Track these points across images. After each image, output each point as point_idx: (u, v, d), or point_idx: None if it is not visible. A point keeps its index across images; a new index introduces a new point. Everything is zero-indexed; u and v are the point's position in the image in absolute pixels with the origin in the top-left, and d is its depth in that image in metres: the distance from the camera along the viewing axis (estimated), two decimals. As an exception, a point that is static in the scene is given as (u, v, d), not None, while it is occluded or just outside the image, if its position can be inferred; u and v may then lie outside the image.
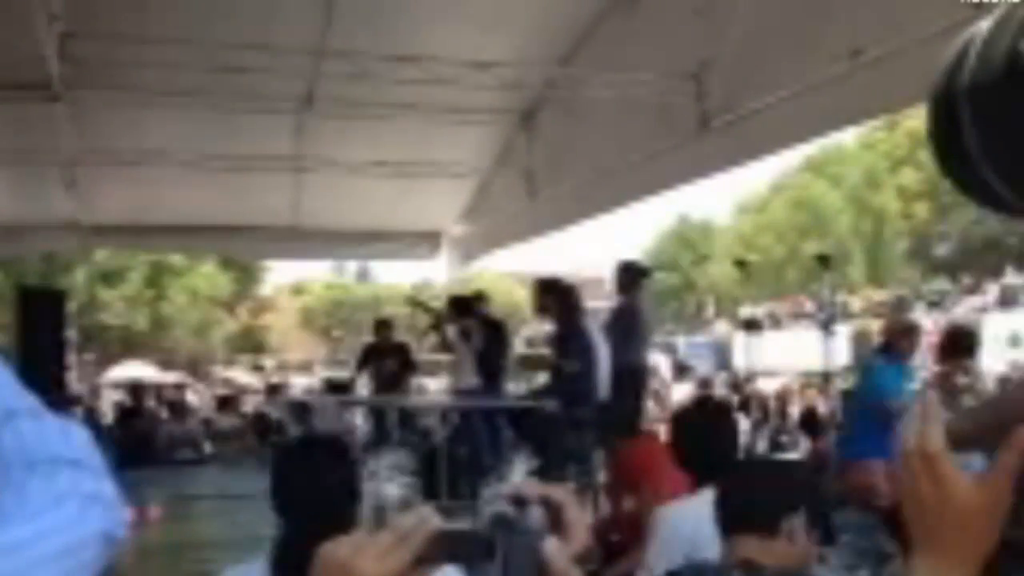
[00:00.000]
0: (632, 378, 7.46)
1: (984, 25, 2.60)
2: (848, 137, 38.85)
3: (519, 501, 0.82)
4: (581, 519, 0.84)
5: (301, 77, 8.07)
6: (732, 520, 2.23)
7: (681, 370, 13.89)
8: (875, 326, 25.13)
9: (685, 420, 3.61)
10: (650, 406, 11.12)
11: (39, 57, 6.86)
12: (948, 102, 2.70)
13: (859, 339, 18.36)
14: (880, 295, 30.89)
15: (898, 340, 6.21)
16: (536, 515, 0.81)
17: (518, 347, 16.59)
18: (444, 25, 7.87)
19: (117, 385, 20.74)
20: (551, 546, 0.80)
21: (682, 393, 12.16)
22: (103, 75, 7.63)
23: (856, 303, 29.33)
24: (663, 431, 5.33)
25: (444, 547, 0.80)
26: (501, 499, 0.81)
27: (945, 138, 2.73)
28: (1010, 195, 2.61)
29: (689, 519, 3.04)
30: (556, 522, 0.83)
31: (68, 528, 0.96)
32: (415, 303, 9.25)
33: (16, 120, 8.47)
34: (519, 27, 8.08)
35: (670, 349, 23.23)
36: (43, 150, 9.17)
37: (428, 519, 0.81)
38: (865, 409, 6.01)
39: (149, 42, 7.03)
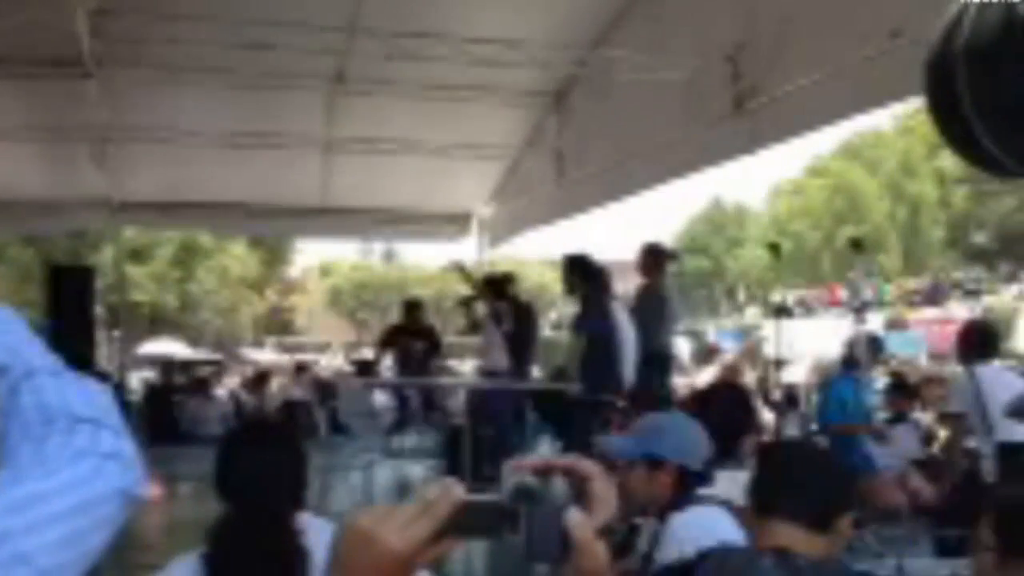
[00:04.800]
0: (657, 363, 7.39)
1: None
2: (886, 122, 38.42)
3: (543, 472, 0.82)
4: (608, 491, 0.85)
5: (332, 55, 8.05)
6: (781, 503, 2.08)
7: (709, 353, 13.73)
8: (909, 314, 24.94)
9: (701, 402, 3.55)
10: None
11: (71, 34, 6.88)
12: (944, 67, 2.60)
13: (893, 327, 18.19)
14: (916, 283, 30.59)
15: None
16: (560, 486, 0.82)
17: (545, 330, 16.57)
18: (477, 5, 7.82)
19: (149, 361, 20.96)
20: (575, 517, 0.79)
21: (707, 377, 12.05)
22: (134, 52, 7.65)
23: (891, 291, 29.05)
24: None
25: (468, 518, 0.80)
26: (525, 470, 0.81)
27: (942, 103, 2.64)
28: (1005, 157, 2.52)
29: (694, 524, 2.94)
30: (581, 494, 0.83)
31: (85, 485, 0.96)
32: (460, 270, 9.15)
33: (47, 96, 8.52)
34: (552, 7, 8.00)
35: (697, 336, 23.09)
36: (74, 127, 9.23)
37: (452, 490, 0.81)
38: None
39: (180, 19, 7.03)
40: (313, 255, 46.51)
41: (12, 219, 11.57)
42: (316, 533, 2.16)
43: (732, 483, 2.69)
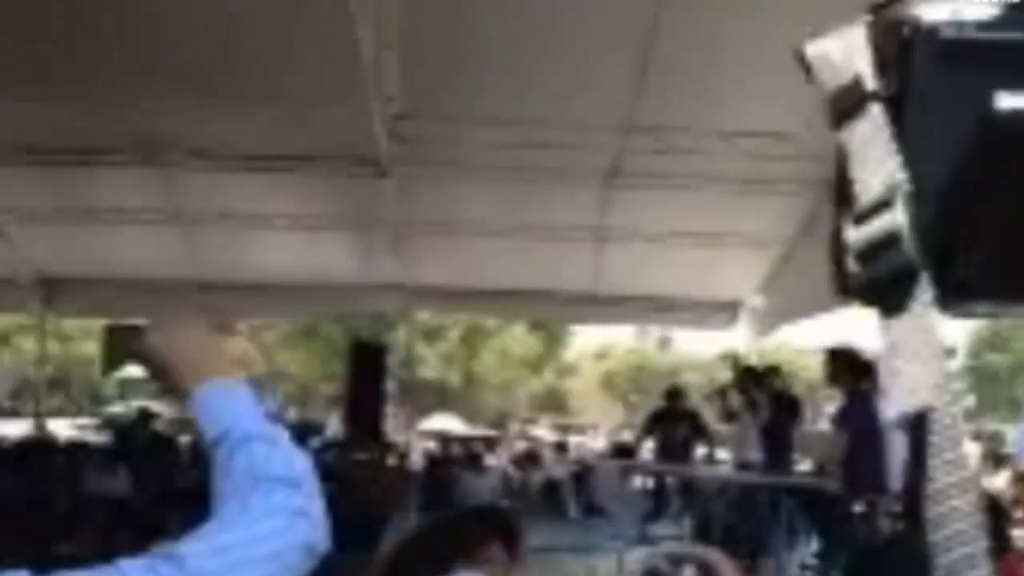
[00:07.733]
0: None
1: None
2: None
3: (675, 560, 0.92)
4: None
5: (607, 152, 8.42)
6: None
7: (998, 460, 12.72)
8: None
9: None
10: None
11: (371, 136, 7.72)
12: None
13: None
14: None
15: None
16: (688, 575, 0.91)
17: (820, 424, 15.90)
18: (746, 99, 7.92)
19: (428, 435, 22.08)
20: None
21: (1000, 482, 11.13)
22: (426, 152, 8.42)
23: None
24: None
25: None
26: (658, 556, 0.92)
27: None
28: None
29: None
30: None
31: (276, 536, 1.13)
32: (734, 360, 9.21)
33: (350, 192, 9.53)
34: (820, 96, 7.95)
35: (994, 438, 21.19)
36: (373, 219, 10.20)
37: None
38: None
39: (468, 122, 7.66)
40: (590, 339, 47.13)
41: (325, 299, 12.75)
42: None
43: None
